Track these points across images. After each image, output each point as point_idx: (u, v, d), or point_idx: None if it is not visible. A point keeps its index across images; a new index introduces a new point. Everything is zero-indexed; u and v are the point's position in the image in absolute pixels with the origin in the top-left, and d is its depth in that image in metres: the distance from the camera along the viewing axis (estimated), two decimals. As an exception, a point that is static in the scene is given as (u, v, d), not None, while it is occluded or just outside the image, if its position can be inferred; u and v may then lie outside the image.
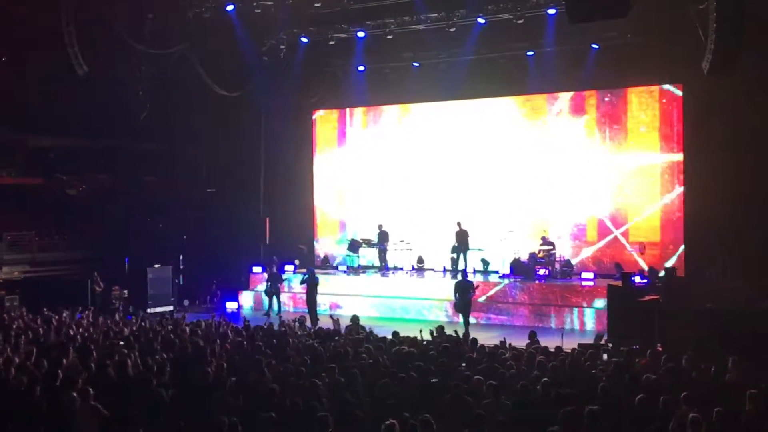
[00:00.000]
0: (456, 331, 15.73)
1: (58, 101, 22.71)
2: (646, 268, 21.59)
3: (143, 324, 17.21)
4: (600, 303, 19.93)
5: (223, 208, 26.60)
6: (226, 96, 23.44)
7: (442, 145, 25.66)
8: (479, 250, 23.58)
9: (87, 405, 9.60)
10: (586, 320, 20.25)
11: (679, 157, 22.23)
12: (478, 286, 20.28)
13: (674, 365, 11.72)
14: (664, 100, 22.60)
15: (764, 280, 18.42)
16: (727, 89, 19.28)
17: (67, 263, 26.52)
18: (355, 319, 17.22)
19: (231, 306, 24.40)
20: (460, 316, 19.53)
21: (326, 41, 23.64)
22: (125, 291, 23.96)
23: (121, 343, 14.35)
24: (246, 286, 25.51)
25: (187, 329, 16.01)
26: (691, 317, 15.53)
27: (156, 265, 24.10)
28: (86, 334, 15.54)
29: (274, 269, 23.74)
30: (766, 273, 18.66)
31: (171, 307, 23.64)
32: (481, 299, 21.34)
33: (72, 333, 15.51)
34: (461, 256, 23.31)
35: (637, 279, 18.67)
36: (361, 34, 23.19)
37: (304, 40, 23.99)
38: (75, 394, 9.68)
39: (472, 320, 19.73)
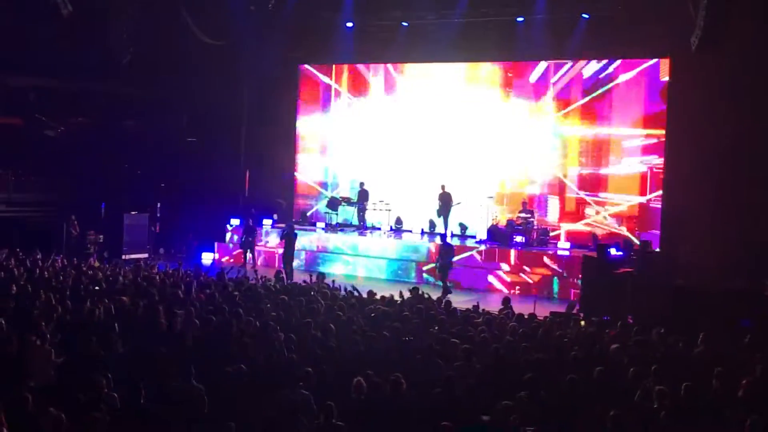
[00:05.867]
0: (426, 293, 15.71)
1: (41, 41, 22.31)
2: (622, 240, 21.68)
3: (118, 270, 17.17)
4: (574, 272, 20.04)
5: (203, 157, 26.34)
6: (212, 44, 23.14)
7: (427, 107, 25.47)
8: (458, 204, 23.27)
9: (42, 348, 9.63)
10: (559, 289, 20.37)
11: (662, 131, 22.27)
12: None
13: (643, 338, 11.87)
14: (650, 74, 22.56)
15: (739, 258, 18.56)
16: (713, 65, 19.27)
17: (43, 205, 26.25)
18: (321, 276, 17.24)
19: (207, 257, 24.36)
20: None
21: (316, -5, 23.38)
22: (101, 236, 23.85)
23: (96, 288, 14.38)
24: (223, 238, 25.44)
25: (158, 278, 16.00)
26: (662, 292, 15.66)
27: (133, 212, 23.99)
28: (60, 277, 15.51)
29: (250, 222, 23.68)
30: (740, 252, 18.80)
31: (146, 255, 23.59)
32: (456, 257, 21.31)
33: (46, 275, 15.48)
34: (443, 218, 23.34)
35: (613, 251, 18.76)
36: (351, -11, 22.98)
37: (293, -8, 23.71)
38: (34, 337, 9.71)
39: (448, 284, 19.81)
